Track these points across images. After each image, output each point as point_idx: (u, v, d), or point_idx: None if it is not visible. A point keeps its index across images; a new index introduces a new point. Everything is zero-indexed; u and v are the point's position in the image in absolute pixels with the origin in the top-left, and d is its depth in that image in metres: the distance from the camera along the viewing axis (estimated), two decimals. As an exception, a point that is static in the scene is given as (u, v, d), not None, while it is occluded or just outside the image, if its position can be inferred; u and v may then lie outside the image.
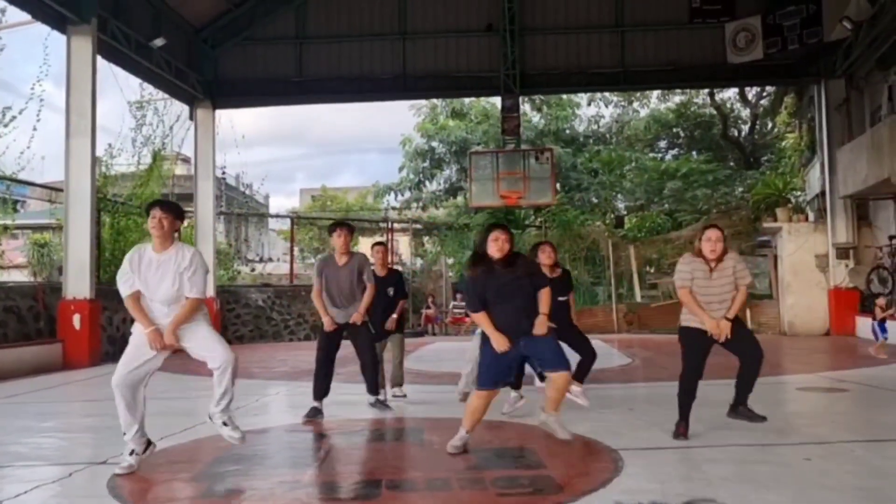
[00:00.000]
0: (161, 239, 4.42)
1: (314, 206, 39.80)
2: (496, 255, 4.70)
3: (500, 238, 4.70)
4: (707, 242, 4.98)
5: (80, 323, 12.02)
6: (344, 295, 6.25)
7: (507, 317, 4.69)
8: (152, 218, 4.40)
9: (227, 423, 4.56)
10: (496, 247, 4.69)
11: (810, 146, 17.16)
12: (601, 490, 3.89)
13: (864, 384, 7.88)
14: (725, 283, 5.02)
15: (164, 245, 4.43)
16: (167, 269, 4.40)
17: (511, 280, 4.70)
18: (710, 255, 4.99)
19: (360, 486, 4.08)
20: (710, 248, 4.98)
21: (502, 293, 4.71)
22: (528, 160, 15.93)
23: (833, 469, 4.24)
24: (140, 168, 16.62)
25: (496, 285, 4.71)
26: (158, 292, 4.42)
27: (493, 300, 4.72)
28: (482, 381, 4.79)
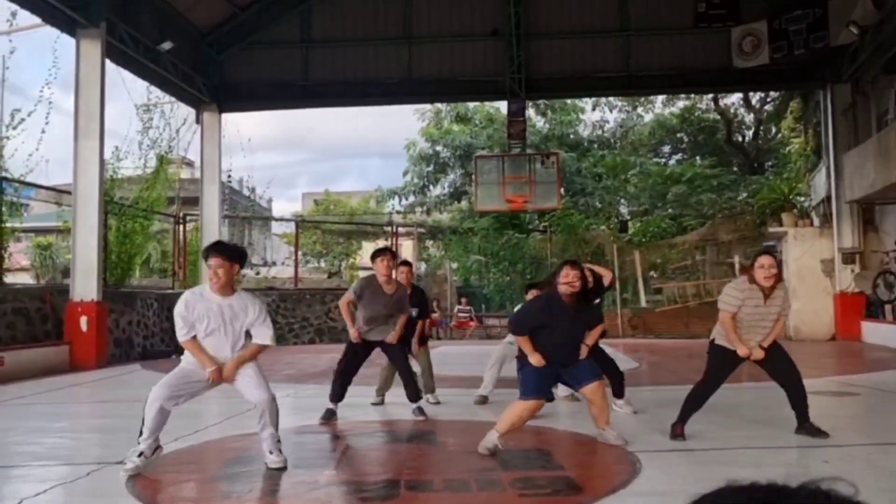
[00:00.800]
0: (219, 288, 4.33)
1: (317, 210, 39.83)
2: (566, 292, 4.71)
3: (571, 274, 4.72)
4: (761, 269, 4.96)
5: (88, 325, 12.03)
6: (382, 319, 6.29)
7: (557, 349, 4.79)
8: (209, 268, 4.31)
9: (272, 452, 4.44)
10: (568, 285, 4.70)
11: (816, 151, 17.17)
12: (621, 491, 3.89)
13: (874, 388, 7.87)
14: (774, 311, 5.06)
15: (225, 292, 4.36)
16: (229, 317, 4.33)
17: (572, 321, 4.77)
18: (765, 283, 4.96)
19: (378, 486, 4.07)
20: (764, 276, 4.95)
21: (561, 333, 4.78)
22: (534, 164, 15.95)
23: (852, 472, 4.23)
24: (146, 171, 16.65)
25: (557, 324, 4.75)
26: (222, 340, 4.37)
27: (550, 335, 4.77)
28: (530, 391, 4.78)
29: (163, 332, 15.71)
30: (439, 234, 22.16)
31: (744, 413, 6.28)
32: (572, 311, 4.75)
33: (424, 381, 7.36)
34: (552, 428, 5.78)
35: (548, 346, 4.79)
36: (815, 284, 15.98)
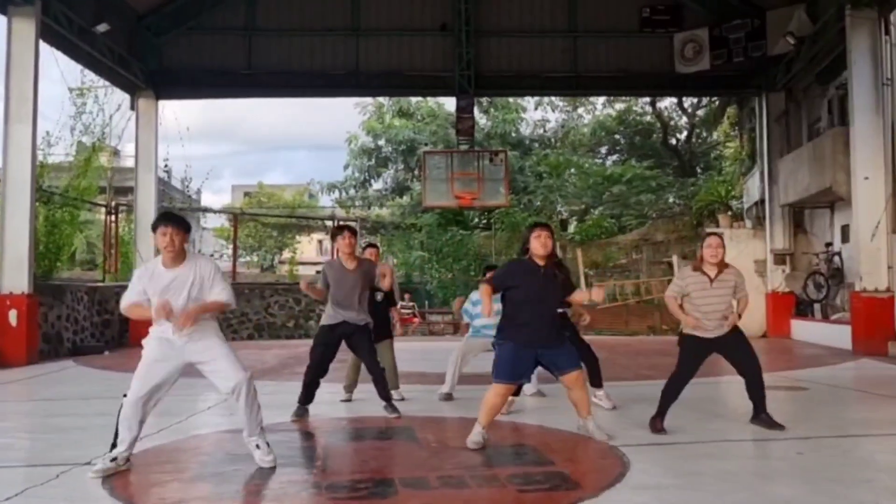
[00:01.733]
0: (173, 256, 4.21)
1: (249, 202, 38.94)
2: (540, 252, 4.82)
3: (543, 234, 4.82)
4: (708, 249, 5.26)
5: (17, 319, 11.37)
6: (350, 298, 6.13)
7: (535, 319, 4.83)
8: (162, 235, 4.18)
9: (260, 447, 4.33)
10: (539, 243, 4.81)
11: (750, 155, 17.84)
12: (618, 485, 3.92)
13: (821, 383, 8.21)
14: (724, 294, 5.29)
15: (177, 262, 4.22)
16: (182, 286, 4.19)
17: (547, 283, 4.83)
18: (712, 260, 5.24)
19: (372, 484, 3.97)
20: (710, 254, 5.24)
21: (538, 294, 4.82)
22: (483, 161, 15.99)
23: (831, 461, 4.38)
24: (77, 158, 15.87)
25: (535, 284, 4.81)
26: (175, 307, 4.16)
27: (527, 298, 4.82)
28: (502, 375, 4.82)
29: (93, 326, 15.02)
30: (382, 230, 21.96)
31: (711, 407, 6.45)
32: (544, 271, 4.83)
33: (388, 377, 7.26)
34: (525, 423, 5.78)
35: (525, 309, 4.82)
36: (748, 284, 16.18)
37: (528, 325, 4.83)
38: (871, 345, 11.32)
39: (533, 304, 4.84)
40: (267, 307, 18.09)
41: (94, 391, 8.22)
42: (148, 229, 16.30)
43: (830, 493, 3.69)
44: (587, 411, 5.12)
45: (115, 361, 12.01)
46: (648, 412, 6.11)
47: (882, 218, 11.53)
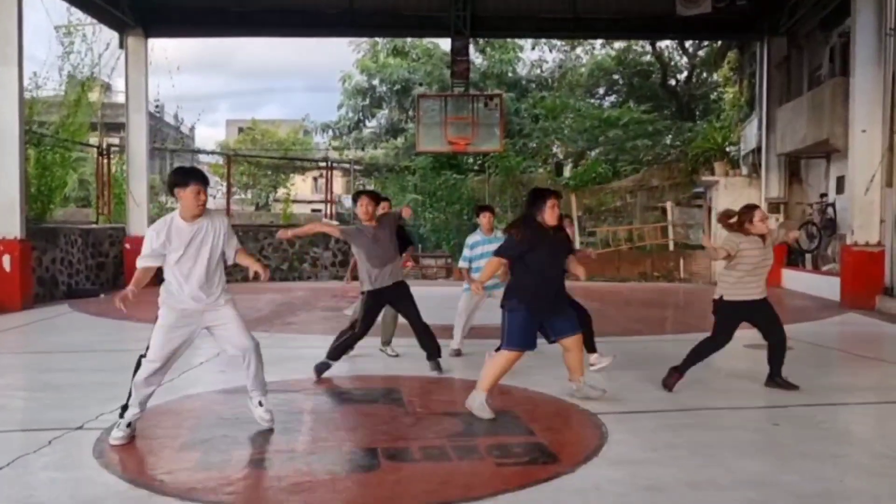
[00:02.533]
0: (201, 211, 4.34)
1: (244, 139, 38.52)
2: (551, 223, 4.95)
3: (557, 206, 4.99)
4: (762, 223, 5.63)
5: (11, 264, 11.42)
6: (386, 256, 6.27)
7: (545, 286, 4.97)
8: (197, 194, 4.27)
9: (263, 405, 4.54)
10: (553, 215, 4.96)
11: (749, 102, 17.62)
12: (594, 459, 4.02)
13: (806, 341, 8.29)
14: (770, 252, 5.73)
15: (197, 217, 4.34)
16: (206, 238, 4.34)
17: (555, 251, 5.03)
18: (765, 231, 5.65)
19: (356, 455, 4.07)
20: (761, 217, 5.64)
21: (548, 262, 4.97)
22: (477, 105, 15.78)
23: (803, 435, 4.50)
24: (68, 97, 15.59)
25: (545, 252, 4.93)
26: (198, 262, 4.33)
27: (538, 266, 4.93)
28: (515, 343, 4.91)
29: (88, 269, 15.09)
30: (375, 172, 21.82)
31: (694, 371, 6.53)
32: (553, 238, 5.01)
33: (385, 329, 7.32)
34: (510, 385, 5.88)
35: (535, 276, 4.92)
36: (741, 232, 16.61)
37: (539, 292, 4.96)
38: (858, 298, 11.45)
39: (543, 271, 4.97)
40: (261, 249, 18.14)
41: (88, 341, 8.33)
42: (141, 170, 16.24)
43: (798, 470, 3.80)
44: (580, 373, 5.31)
45: (109, 306, 12.07)
46: (632, 374, 6.26)
47: (877, 171, 11.49)
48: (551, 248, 4.99)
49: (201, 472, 3.75)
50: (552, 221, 4.95)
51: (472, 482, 3.65)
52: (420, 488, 3.58)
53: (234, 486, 3.60)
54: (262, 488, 3.60)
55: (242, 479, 3.69)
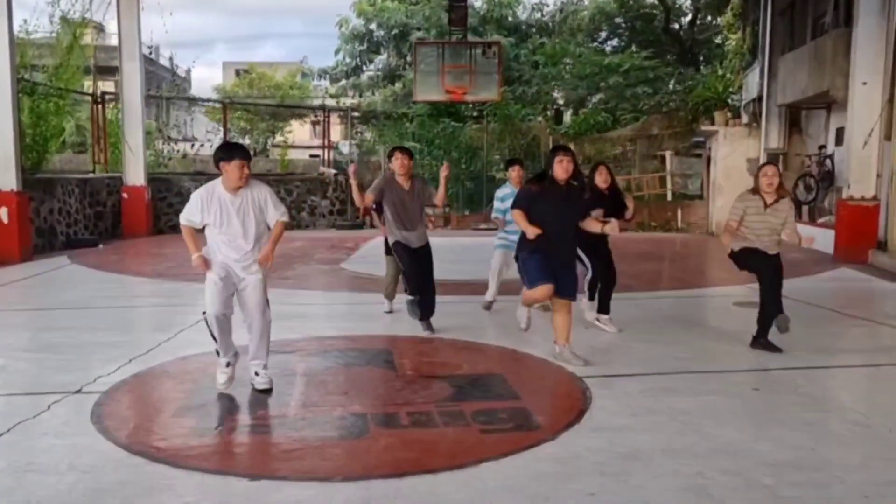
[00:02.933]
0: (244, 184, 4.58)
1: (241, 83, 38.01)
2: (562, 177, 5.25)
3: (565, 160, 5.26)
4: (764, 177, 5.68)
5: (9, 217, 11.47)
6: (412, 218, 6.47)
7: (555, 239, 5.23)
8: (241, 168, 4.52)
9: (259, 374, 4.75)
10: (561, 168, 5.24)
11: (752, 50, 17.35)
12: (576, 426, 4.15)
13: (795, 299, 8.37)
14: (777, 221, 5.68)
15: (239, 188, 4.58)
16: (248, 208, 4.61)
17: (566, 207, 5.28)
18: (768, 189, 5.65)
19: (346, 421, 4.20)
20: (767, 182, 5.66)
21: (557, 217, 5.24)
22: (475, 53, 15.56)
23: (781, 400, 4.63)
24: (60, 41, 15.36)
25: (554, 207, 5.23)
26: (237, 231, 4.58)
27: (547, 220, 5.20)
28: (535, 279, 5.27)
29: (86, 219, 15.15)
30: (373, 119, 21.63)
31: (682, 329, 6.66)
32: (564, 193, 5.27)
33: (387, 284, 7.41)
34: (501, 346, 6.01)
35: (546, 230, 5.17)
36: (739, 183, 16.48)
37: (549, 244, 5.22)
38: (852, 252, 11.53)
39: (552, 226, 5.21)
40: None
41: (87, 297, 8.44)
42: (136, 119, 16.11)
43: (773, 438, 3.94)
44: (565, 339, 5.45)
45: (108, 258, 12.21)
46: (623, 335, 6.39)
47: (876, 125, 11.42)
48: (558, 202, 5.24)
49: (195, 439, 3.88)
50: (562, 175, 5.23)
51: (457, 450, 3.79)
52: (406, 456, 3.71)
53: (227, 452, 3.74)
54: (254, 455, 3.73)
55: (236, 446, 3.82)
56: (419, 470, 3.52)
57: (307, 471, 3.51)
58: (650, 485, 3.36)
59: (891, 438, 3.98)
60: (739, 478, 3.43)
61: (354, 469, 3.54)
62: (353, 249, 13.83)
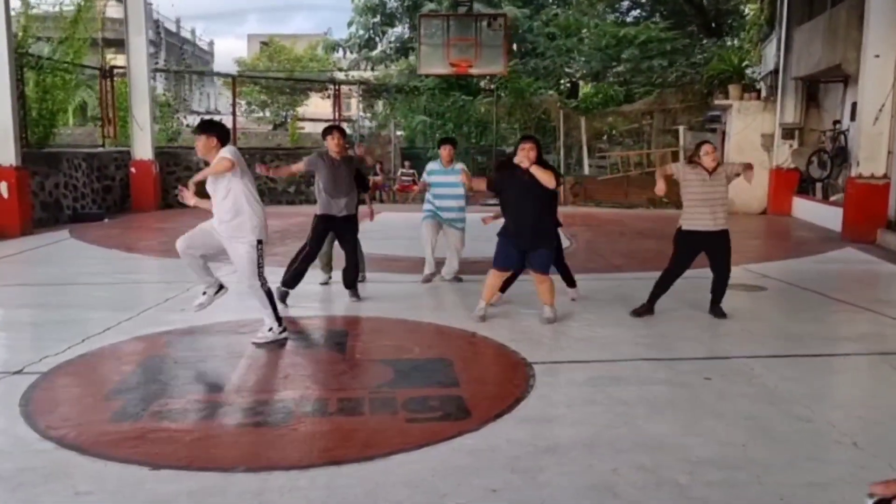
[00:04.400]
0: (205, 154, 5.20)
1: (261, 56, 37.98)
2: (524, 164, 5.71)
3: (526, 147, 5.78)
4: (706, 156, 6.12)
5: (8, 192, 11.60)
6: (343, 188, 6.81)
7: (517, 220, 5.89)
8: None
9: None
10: (522, 155, 5.75)
11: (769, 21, 16.75)
12: (506, 415, 4.04)
13: (784, 281, 8.17)
14: (719, 185, 6.14)
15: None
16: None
17: (528, 190, 5.76)
18: (711, 165, 6.11)
19: (275, 406, 4.14)
20: (710, 160, 6.11)
21: (519, 200, 5.84)
22: (481, 25, 15.26)
23: (729, 391, 4.46)
24: (64, 17, 15.39)
25: (517, 190, 5.81)
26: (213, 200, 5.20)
27: (511, 202, 5.92)
28: (495, 263, 6.08)
29: (94, 192, 15.29)
30: (385, 93, 21.43)
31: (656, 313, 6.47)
32: (526, 178, 5.74)
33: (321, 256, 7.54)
34: (459, 329, 5.90)
35: (510, 212, 5.94)
36: (753, 158, 15.98)
37: (513, 225, 5.92)
38: (860, 231, 11.16)
39: (515, 208, 5.89)
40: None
41: (73, 273, 8.49)
42: (142, 93, 16.15)
43: (705, 433, 3.79)
44: (545, 302, 6.04)
45: (109, 232, 12.31)
46: (591, 316, 6.26)
47: (887, 100, 10.96)
48: (522, 188, 5.78)
49: (113, 424, 3.85)
50: (524, 163, 5.71)
51: (374, 439, 3.70)
52: (320, 445, 3.64)
53: (138, 439, 3.70)
54: (164, 443, 3.68)
55: (150, 432, 3.78)
56: (326, 461, 3.44)
57: (211, 461, 3.45)
58: (557, 481, 3.25)
59: (829, 436, 3.81)
60: (653, 475, 3.30)
61: (260, 459, 3.48)
62: (354, 225, 13.75)
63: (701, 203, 6.15)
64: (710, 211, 6.12)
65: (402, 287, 7.68)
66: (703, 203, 6.14)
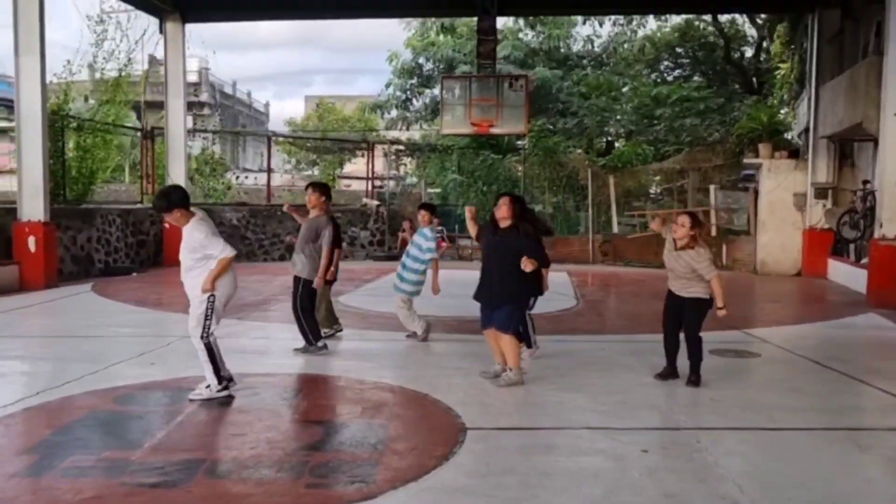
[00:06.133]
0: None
1: (312, 115, 39.21)
2: (500, 222, 5.78)
3: (502, 206, 5.80)
4: (675, 224, 5.93)
5: (36, 245, 12.07)
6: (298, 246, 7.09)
7: (486, 276, 5.90)
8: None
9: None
10: (497, 213, 5.81)
11: (799, 79, 16.43)
12: (411, 484, 3.88)
13: (783, 347, 7.76)
14: (684, 265, 5.89)
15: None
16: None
17: (498, 247, 5.78)
18: (680, 239, 5.87)
19: (179, 466, 4.07)
20: (674, 229, 5.92)
21: (489, 255, 5.88)
22: (503, 86, 15.41)
23: (662, 466, 4.19)
24: (104, 83, 16.28)
25: (489, 246, 5.90)
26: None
27: (484, 257, 5.99)
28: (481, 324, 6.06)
29: (128, 247, 15.81)
30: (417, 152, 21.76)
31: (628, 378, 6.22)
32: (500, 236, 5.80)
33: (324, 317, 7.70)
34: (414, 391, 5.76)
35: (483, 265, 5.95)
36: (786, 218, 15.66)
37: (481, 280, 5.93)
38: (885, 296, 10.62)
39: (485, 263, 5.93)
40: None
41: (69, 326, 8.72)
42: (178, 152, 16.78)
43: (611, 512, 3.55)
44: (506, 363, 5.88)
45: (130, 286, 12.65)
46: (560, 382, 6.05)
47: (911, 160, 10.50)
48: (493, 244, 5.83)
49: (12, 480, 3.85)
50: (498, 215, 5.79)
51: (260, 505, 3.59)
52: (203, 509, 3.55)
53: (31, 495, 3.68)
54: (50, 500, 3.63)
55: (42, 490, 3.74)
56: (198, 527, 3.35)
57: (85, 521, 3.39)
58: (424, 559, 3.07)
59: (745, 519, 3.51)
60: (529, 557, 3.09)
61: (135, 521, 3.40)
62: (369, 281, 13.81)
63: (669, 269, 6.08)
64: (675, 279, 6.02)
65: (379, 345, 7.61)
66: (670, 270, 6.07)
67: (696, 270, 5.84)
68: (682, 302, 5.99)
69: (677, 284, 6.00)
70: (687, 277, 5.91)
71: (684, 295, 5.96)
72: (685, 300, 5.97)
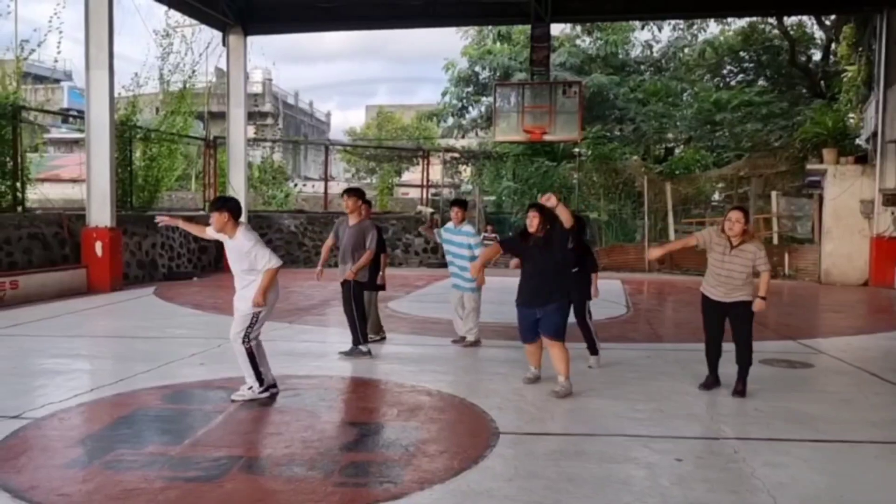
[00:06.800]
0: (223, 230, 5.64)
1: (372, 124, 39.77)
2: (531, 231, 5.82)
3: (531, 215, 5.82)
4: (727, 221, 5.74)
5: (102, 250, 12.62)
6: (343, 254, 7.08)
7: (529, 282, 5.84)
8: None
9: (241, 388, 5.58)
10: (529, 223, 5.85)
11: (867, 82, 15.82)
12: (437, 485, 3.91)
13: (839, 358, 7.49)
14: (740, 264, 5.69)
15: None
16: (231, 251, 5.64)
17: (538, 251, 5.77)
18: (728, 233, 5.70)
19: (215, 463, 4.19)
20: (728, 227, 5.70)
21: (531, 261, 5.85)
22: (556, 93, 15.35)
23: (693, 475, 4.10)
24: (170, 94, 16.91)
25: (528, 252, 5.86)
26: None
27: (525, 264, 5.93)
28: (521, 337, 6.10)
29: (190, 252, 16.36)
30: (472, 159, 21.82)
31: (670, 386, 6.11)
32: (542, 243, 5.75)
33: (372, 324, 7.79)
34: (452, 395, 5.79)
35: (524, 273, 5.91)
36: (852, 226, 15.09)
37: (526, 288, 5.85)
38: (956, 307, 10.07)
39: (528, 270, 5.88)
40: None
41: (129, 327, 9.09)
42: (238, 160, 17.32)
43: (635, 519, 3.50)
44: (559, 372, 5.77)
45: (190, 290, 13.08)
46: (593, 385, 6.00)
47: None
48: (531, 251, 5.83)
49: (58, 471, 4.04)
50: (531, 229, 5.79)
51: (285, 502, 3.68)
52: None
53: (69, 491, 3.85)
54: (91, 494, 3.80)
55: (83, 483, 3.92)
56: (226, 520, 3.45)
57: (121, 511, 3.54)
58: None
59: (774, 531, 3.41)
60: (546, 561, 3.08)
61: (166, 513, 3.53)
62: (420, 288, 13.92)
63: (715, 276, 5.86)
64: (721, 285, 5.81)
65: (423, 350, 7.67)
66: (716, 277, 5.84)
67: (754, 267, 5.69)
68: (726, 308, 5.84)
69: (721, 291, 5.81)
70: (741, 279, 5.71)
71: (728, 300, 5.79)
72: (729, 306, 5.81)
